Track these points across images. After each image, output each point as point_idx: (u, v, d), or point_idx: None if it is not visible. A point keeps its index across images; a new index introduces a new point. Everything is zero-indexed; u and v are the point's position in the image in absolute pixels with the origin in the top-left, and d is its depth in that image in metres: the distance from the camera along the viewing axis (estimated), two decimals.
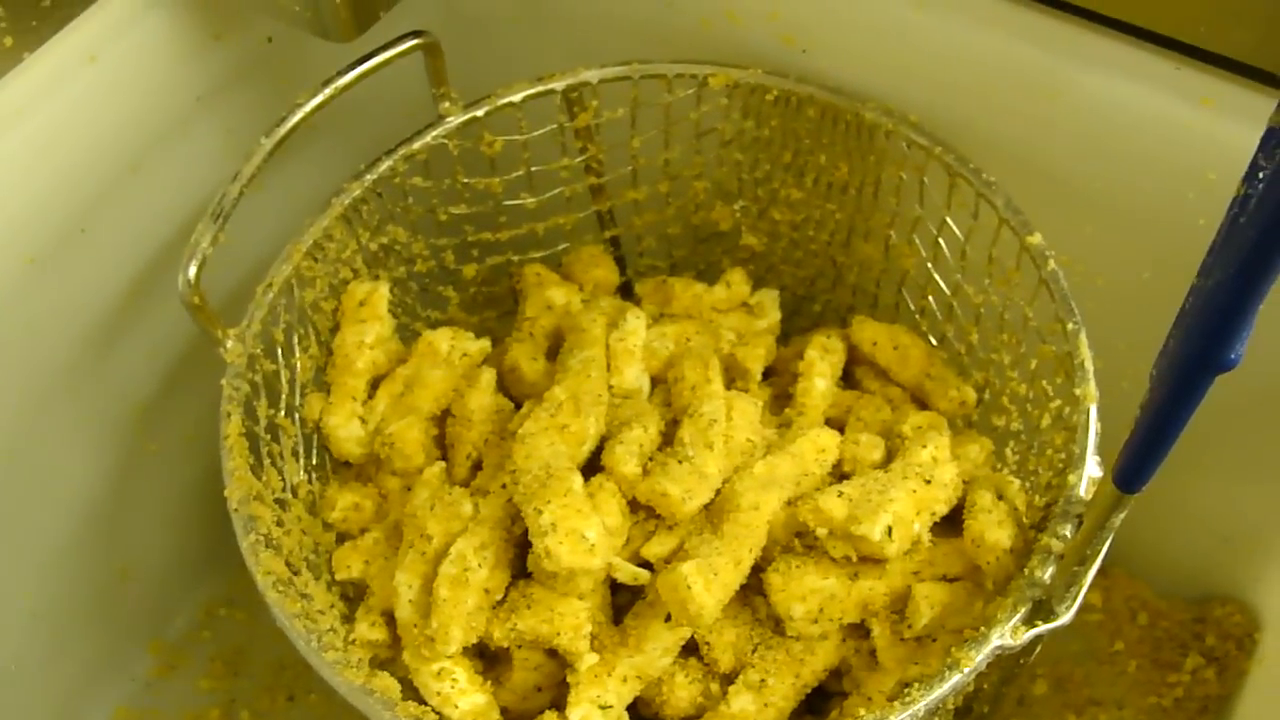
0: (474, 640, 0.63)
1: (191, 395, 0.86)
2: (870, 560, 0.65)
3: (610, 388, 0.71)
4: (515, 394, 0.75)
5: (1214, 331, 0.41)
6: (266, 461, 0.69)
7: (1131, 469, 0.49)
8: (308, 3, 0.70)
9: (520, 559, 0.65)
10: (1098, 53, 0.68)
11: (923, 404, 0.76)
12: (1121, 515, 0.53)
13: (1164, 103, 0.68)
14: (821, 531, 0.64)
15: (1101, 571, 0.77)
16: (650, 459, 0.67)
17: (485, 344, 0.76)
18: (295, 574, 0.65)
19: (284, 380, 0.71)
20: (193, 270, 0.66)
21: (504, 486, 0.66)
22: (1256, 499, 0.83)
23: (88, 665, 0.90)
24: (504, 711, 0.66)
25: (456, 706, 0.63)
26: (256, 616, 0.96)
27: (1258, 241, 0.37)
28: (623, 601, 0.67)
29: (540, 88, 0.77)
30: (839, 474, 0.70)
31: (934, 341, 0.79)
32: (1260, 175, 0.38)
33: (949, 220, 0.74)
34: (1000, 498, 0.66)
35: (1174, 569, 0.91)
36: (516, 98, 0.77)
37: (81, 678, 0.90)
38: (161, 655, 0.95)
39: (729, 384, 0.74)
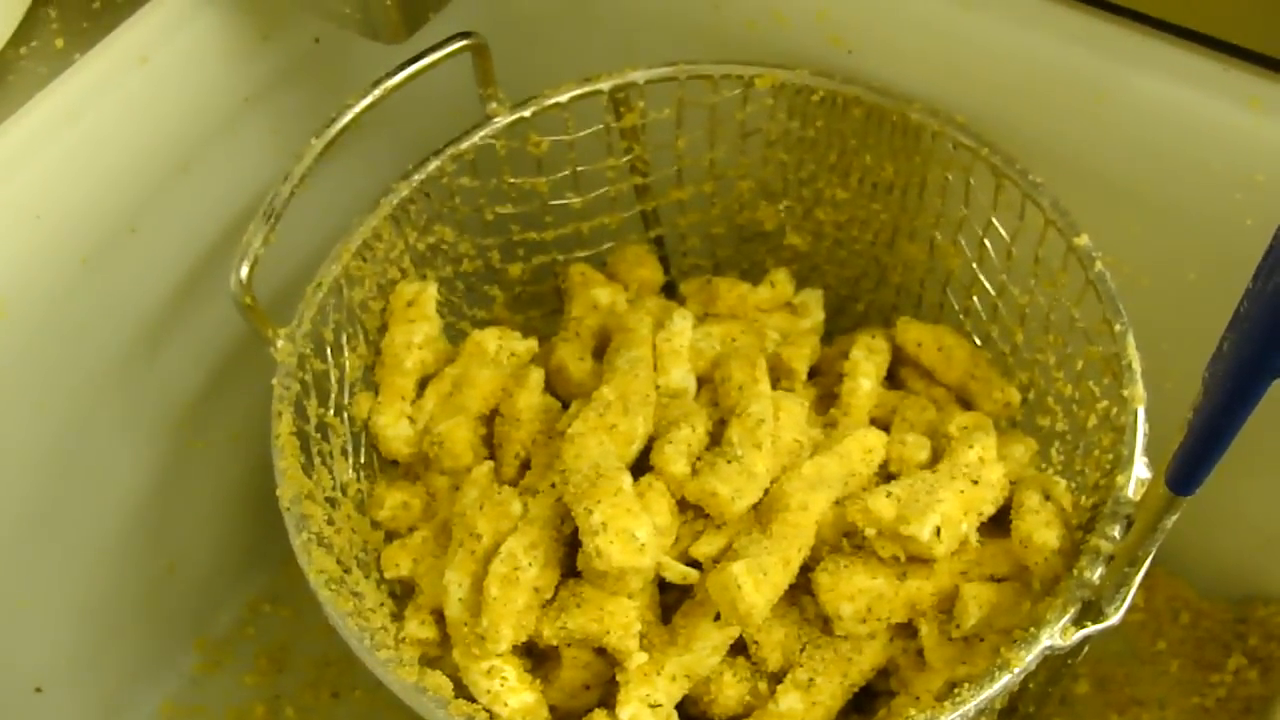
0: (524, 639, 0.64)
1: (238, 394, 0.87)
2: (918, 560, 0.65)
3: (657, 388, 0.71)
4: (562, 394, 0.75)
5: (1272, 336, 0.41)
6: (317, 460, 0.69)
7: (1185, 471, 0.50)
8: (358, 4, 0.70)
9: (570, 558, 0.66)
10: (1145, 53, 0.68)
11: (967, 404, 0.76)
12: (1174, 517, 0.53)
13: (1211, 104, 0.68)
14: (870, 531, 0.64)
15: None
16: (698, 459, 0.67)
17: (533, 343, 0.77)
18: (346, 572, 0.66)
19: (333, 379, 0.72)
20: (245, 270, 0.66)
21: (553, 486, 0.67)
22: None
23: (135, 660, 0.91)
24: (553, 710, 0.66)
25: (506, 704, 0.63)
26: (300, 613, 0.97)
27: None
28: (671, 601, 0.68)
29: (587, 88, 0.77)
30: (885, 474, 0.70)
31: (978, 342, 0.79)
32: None
33: (995, 221, 0.74)
34: (1047, 498, 0.66)
35: (1216, 569, 0.91)
36: (563, 98, 0.77)
37: (129, 673, 0.91)
38: (207, 651, 0.96)
39: (774, 384, 0.74)
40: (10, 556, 0.77)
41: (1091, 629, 0.59)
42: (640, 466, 0.68)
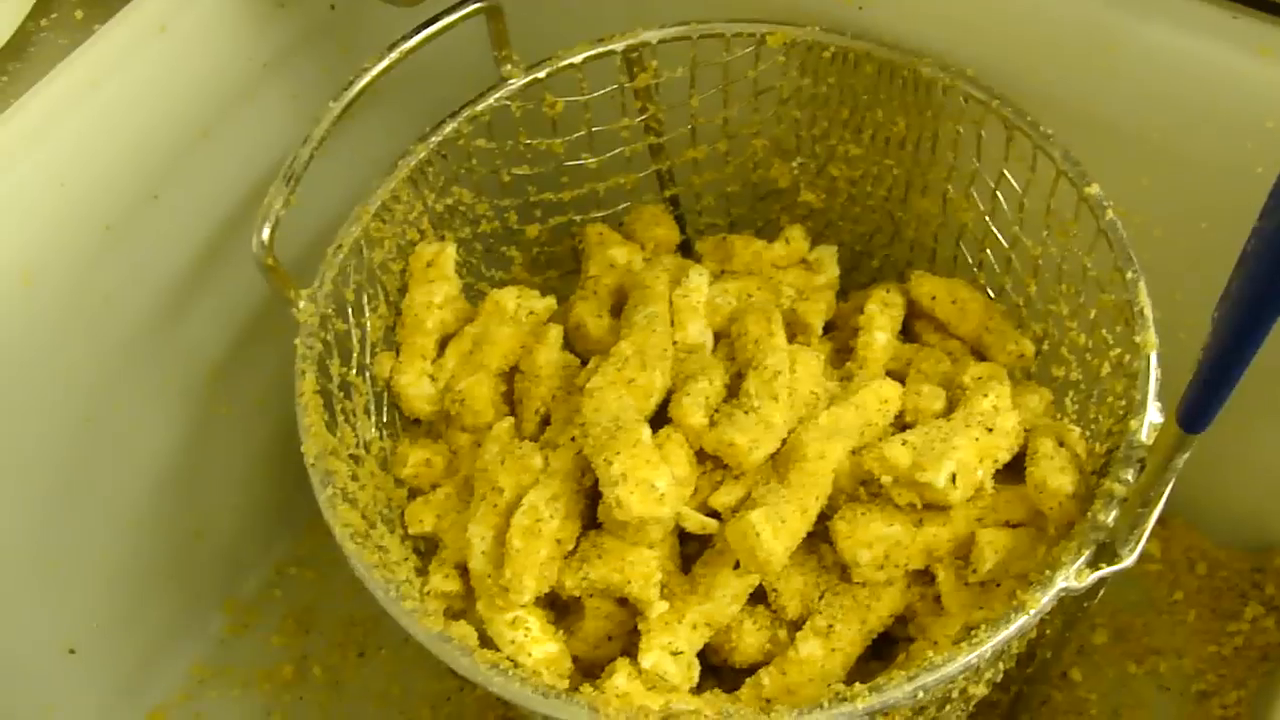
0: (546, 589, 0.65)
1: (261, 358, 0.88)
2: (935, 507, 0.66)
3: (674, 343, 0.72)
4: (580, 350, 0.76)
5: (1275, 272, 0.41)
6: (340, 419, 0.70)
7: (1195, 409, 0.50)
8: None
9: (590, 510, 0.67)
10: (1154, 3, 0.69)
11: (982, 357, 0.77)
12: (1185, 456, 0.53)
13: (1221, 52, 0.68)
14: (887, 479, 0.65)
15: (1160, 522, 0.78)
16: (716, 410, 0.68)
17: (551, 301, 0.78)
18: (371, 527, 0.67)
19: (355, 339, 0.73)
20: (266, 232, 0.67)
21: (573, 439, 0.68)
22: None
23: (164, 624, 0.92)
24: (575, 660, 0.67)
25: (530, 654, 0.64)
26: (326, 575, 0.99)
27: None
28: (690, 551, 0.69)
29: (600, 49, 0.78)
30: (901, 424, 0.71)
31: (992, 294, 0.79)
32: None
33: (1006, 173, 0.74)
34: (1061, 445, 0.66)
35: (1233, 519, 0.91)
36: (577, 59, 0.78)
37: (158, 636, 0.92)
38: (235, 614, 0.97)
39: (790, 339, 0.74)
40: (43, 522, 0.79)
41: (1106, 570, 0.59)
42: (659, 421, 0.69)
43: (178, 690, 0.94)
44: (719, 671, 0.69)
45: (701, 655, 0.66)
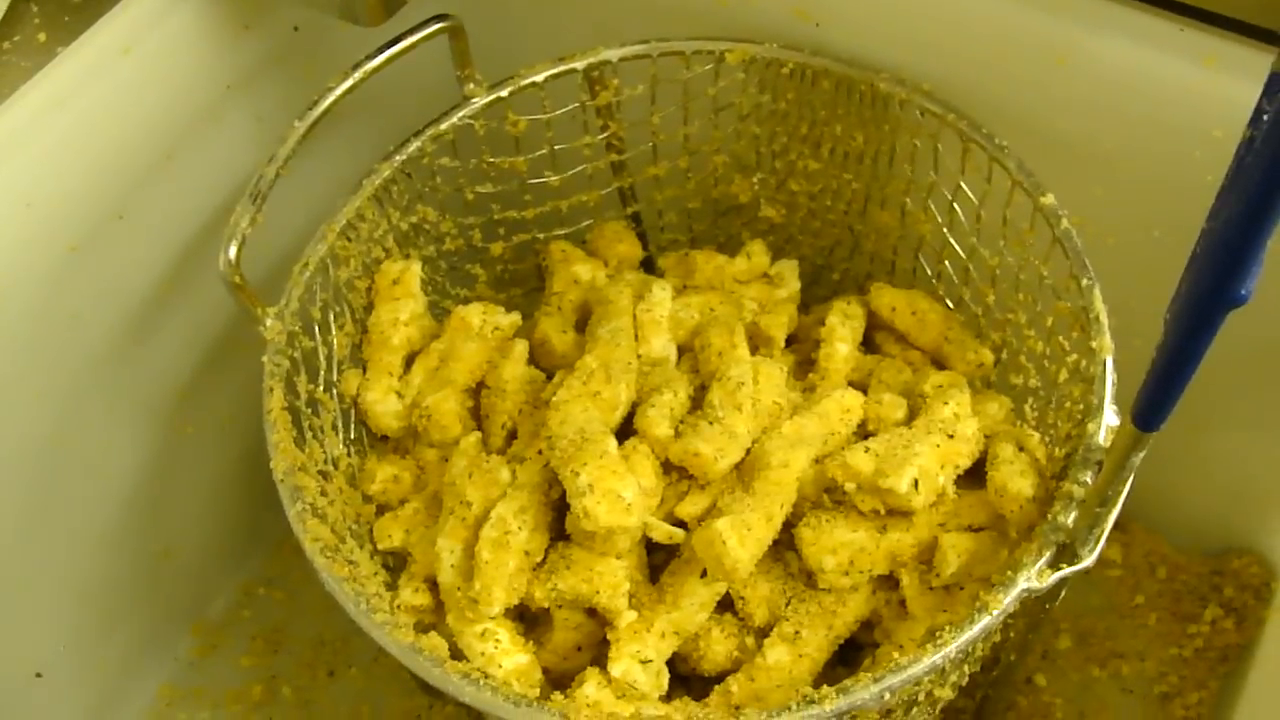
0: (516, 601, 0.65)
1: (227, 379, 0.88)
2: (898, 513, 0.67)
3: (639, 356, 0.73)
4: (545, 365, 0.77)
5: (1224, 268, 0.43)
6: (308, 435, 0.71)
7: (1149, 408, 0.51)
8: None
9: (558, 522, 0.68)
10: (1103, 17, 0.70)
11: (942, 367, 0.78)
12: (1140, 455, 0.55)
13: (1168, 64, 0.70)
14: (850, 486, 0.66)
15: (1120, 527, 0.79)
16: (681, 422, 0.69)
17: (516, 317, 0.78)
18: (341, 542, 0.67)
19: (322, 357, 0.74)
20: (233, 250, 0.68)
21: (540, 452, 0.68)
22: (1270, 453, 0.85)
23: (132, 645, 0.92)
24: (546, 672, 0.68)
25: (500, 666, 0.65)
26: (295, 595, 0.99)
27: (1263, 179, 0.39)
28: (658, 561, 0.69)
29: (562, 67, 0.79)
30: (863, 433, 0.72)
31: (951, 304, 0.80)
32: (1264, 117, 0.40)
33: (963, 185, 0.76)
34: (1021, 449, 0.68)
35: (1191, 523, 0.92)
36: (539, 77, 0.79)
37: (127, 657, 0.92)
38: (203, 635, 0.97)
39: (752, 352, 0.75)
40: (8, 544, 0.78)
41: (1066, 570, 0.60)
42: (624, 434, 0.70)
43: (146, 712, 0.94)
44: (688, 680, 0.70)
45: (670, 664, 0.67)
